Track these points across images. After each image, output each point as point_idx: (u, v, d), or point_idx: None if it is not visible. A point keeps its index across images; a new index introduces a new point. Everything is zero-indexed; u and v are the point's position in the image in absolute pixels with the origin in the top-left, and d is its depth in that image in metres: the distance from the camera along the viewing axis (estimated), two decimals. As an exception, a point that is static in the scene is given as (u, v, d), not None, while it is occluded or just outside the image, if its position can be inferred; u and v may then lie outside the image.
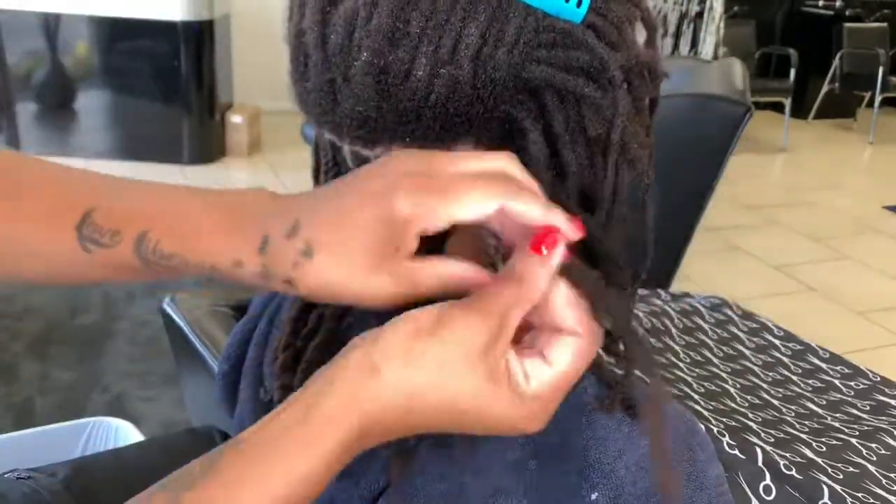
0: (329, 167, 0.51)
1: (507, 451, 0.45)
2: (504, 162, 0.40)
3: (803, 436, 0.75)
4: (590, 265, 0.41)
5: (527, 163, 0.42)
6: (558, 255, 0.38)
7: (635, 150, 0.44)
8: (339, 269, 0.38)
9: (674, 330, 0.90)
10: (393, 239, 0.37)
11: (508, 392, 0.37)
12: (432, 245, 0.40)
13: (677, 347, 0.86)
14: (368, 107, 0.43)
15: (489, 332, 0.36)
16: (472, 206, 0.37)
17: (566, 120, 0.43)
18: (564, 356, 0.37)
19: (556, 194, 0.42)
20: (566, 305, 0.38)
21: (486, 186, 0.38)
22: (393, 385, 0.36)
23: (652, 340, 0.85)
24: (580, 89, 0.42)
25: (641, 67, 0.44)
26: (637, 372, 0.45)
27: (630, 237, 0.46)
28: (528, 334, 0.39)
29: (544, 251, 0.38)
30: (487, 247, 0.44)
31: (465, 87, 0.42)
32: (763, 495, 0.62)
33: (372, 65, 0.42)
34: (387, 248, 0.37)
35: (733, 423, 0.72)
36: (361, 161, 0.46)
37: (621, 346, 0.44)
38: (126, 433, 1.17)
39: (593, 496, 0.43)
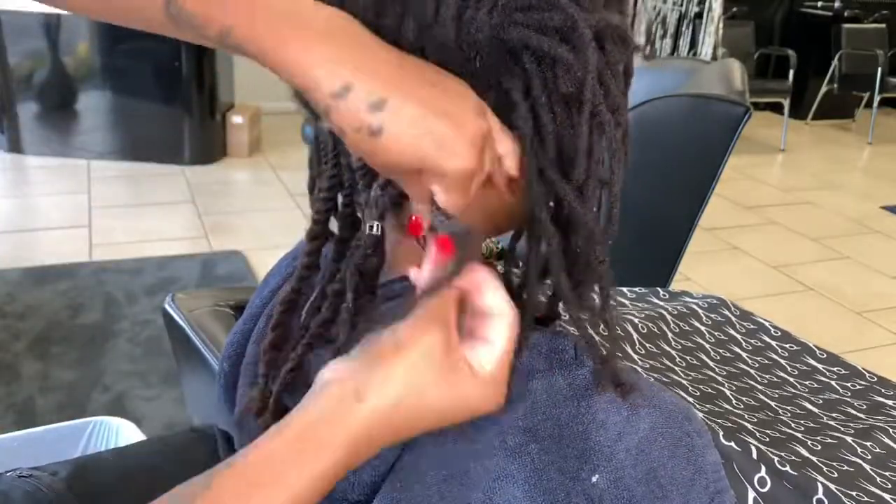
0: (329, 158, 0.53)
1: (508, 437, 0.45)
2: None
3: (798, 435, 0.76)
4: (563, 230, 0.47)
5: (516, 133, 0.45)
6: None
7: (604, 113, 0.45)
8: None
9: (670, 334, 0.90)
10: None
11: (472, 381, 0.43)
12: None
13: (673, 352, 0.86)
14: None
15: (442, 337, 0.42)
16: None
17: (543, 81, 0.44)
18: (502, 334, 0.44)
19: (535, 157, 0.45)
20: (493, 291, 0.45)
21: None
22: (376, 405, 0.40)
23: (647, 345, 0.85)
24: (553, 50, 0.43)
25: (612, 31, 0.45)
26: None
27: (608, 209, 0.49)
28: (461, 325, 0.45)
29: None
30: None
31: (452, 47, 0.43)
32: (758, 487, 0.63)
33: None
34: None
35: (728, 424, 0.72)
36: None
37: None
38: (127, 433, 1.17)
39: (594, 479, 0.44)
